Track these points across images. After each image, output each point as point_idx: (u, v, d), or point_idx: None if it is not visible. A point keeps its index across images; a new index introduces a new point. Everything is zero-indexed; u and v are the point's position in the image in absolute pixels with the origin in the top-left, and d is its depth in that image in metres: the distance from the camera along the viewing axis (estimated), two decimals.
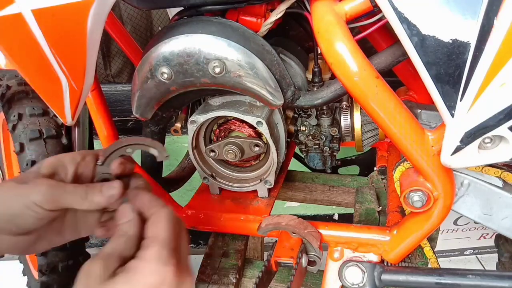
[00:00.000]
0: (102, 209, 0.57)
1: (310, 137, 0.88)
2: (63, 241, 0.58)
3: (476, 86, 0.48)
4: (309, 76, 0.79)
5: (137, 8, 1.11)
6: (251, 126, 0.79)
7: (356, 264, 0.69)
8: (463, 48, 0.47)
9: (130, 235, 0.50)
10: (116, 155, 0.59)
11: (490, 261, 1.71)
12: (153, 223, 0.50)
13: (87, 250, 1.15)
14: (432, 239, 0.84)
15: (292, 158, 1.08)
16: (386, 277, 0.67)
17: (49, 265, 1.02)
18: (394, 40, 0.74)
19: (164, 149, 0.58)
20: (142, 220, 0.51)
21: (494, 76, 0.46)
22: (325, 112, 0.84)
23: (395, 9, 0.49)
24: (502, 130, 0.49)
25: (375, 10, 0.55)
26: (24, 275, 1.27)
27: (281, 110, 0.80)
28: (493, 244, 1.19)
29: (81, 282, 0.45)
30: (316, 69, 0.76)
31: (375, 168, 1.02)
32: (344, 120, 0.86)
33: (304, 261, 0.70)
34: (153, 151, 0.59)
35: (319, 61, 0.76)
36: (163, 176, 0.98)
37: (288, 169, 1.02)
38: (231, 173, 0.88)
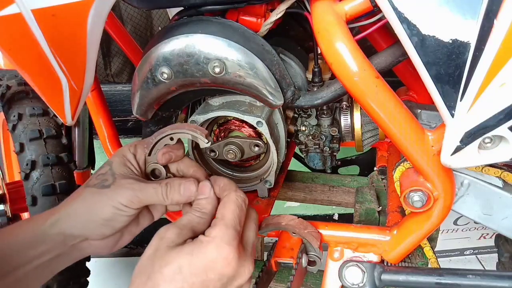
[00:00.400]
0: None
1: (310, 137, 0.88)
2: (140, 229, 0.63)
3: (476, 86, 0.48)
4: (309, 76, 0.79)
5: (137, 8, 1.11)
6: (251, 126, 0.80)
7: (356, 264, 0.69)
8: (463, 48, 0.47)
9: (204, 212, 0.55)
10: (160, 145, 0.61)
11: (490, 261, 1.72)
12: (223, 204, 0.55)
13: None
14: (432, 239, 0.83)
15: (292, 158, 1.08)
16: (386, 277, 0.67)
17: None
18: (394, 40, 0.74)
19: (204, 134, 0.59)
20: (218, 201, 0.57)
21: (494, 76, 0.46)
22: (325, 112, 0.84)
23: (395, 9, 0.48)
24: (502, 130, 0.49)
25: (375, 10, 0.55)
26: None
27: (281, 110, 0.80)
28: (493, 244, 1.19)
29: (153, 243, 0.50)
30: (316, 69, 0.76)
31: (375, 168, 1.02)
32: (344, 120, 0.86)
33: (304, 261, 0.70)
34: (194, 137, 0.60)
35: (319, 61, 0.76)
36: None
37: (288, 169, 1.02)
38: (231, 173, 0.88)
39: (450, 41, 0.48)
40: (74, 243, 0.56)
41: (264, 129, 0.74)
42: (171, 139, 0.60)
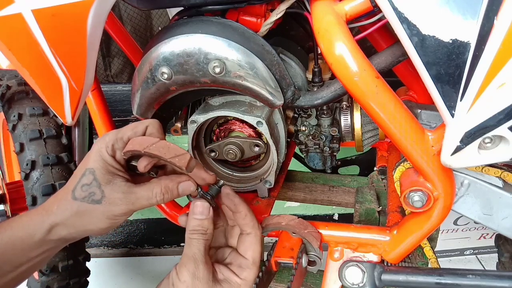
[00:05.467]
0: None
1: (310, 137, 0.88)
2: None
3: (476, 86, 0.48)
4: (309, 76, 0.79)
5: (137, 8, 1.11)
6: (251, 126, 0.80)
7: (356, 264, 0.69)
8: (463, 48, 0.47)
9: (209, 233, 0.60)
10: (138, 156, 0.59)
11: (490, 261, 1.72)
12: (251, 245, 0.62)
13: (87, 250, 1.15)
14: (432, 239, 0.83)
15: (292, 158, 1.08)
16: (386, 277, 0.67)
17: (49, 265, 1.02)
18: (394, 40, 0.74)
19: (185, 161, 0.55)
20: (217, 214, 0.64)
21: (494, 76, 0.46)
22: (325, 112, 0.84)
23: (395, 9, 0.49)
24: (502, 130, 0.49)
25: (375, 10, 0.55)
26: None
27: (281, 110, 0.80)
28: (493, 244, 1.19)
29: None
30: (316, 69, 0.76)
31: (375, 168, 1.02)
32: (344, 120, 0.86)
33: (304, 261, 0.70)
34: (174, 168, 0.61)
35: (319, 61, 0.76)
36: None
37: (288, 169, 1.02)
38: (231, 173, 0.88)
39: (450, 41, 0.48)
40: (74, 239, 0.60)
41: (264, 129, 0.74)
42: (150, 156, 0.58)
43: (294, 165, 1.09)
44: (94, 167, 0.56)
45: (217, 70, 0.65)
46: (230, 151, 0.79)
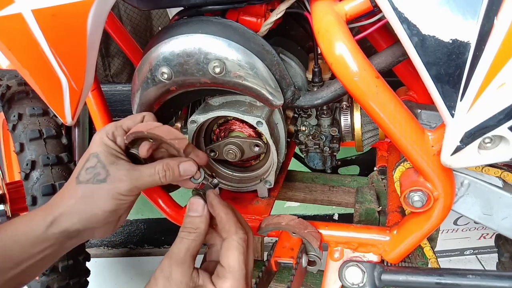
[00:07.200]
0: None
1: (310, 137, 0.88)
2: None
3: (476, 86, 0.48)
4: (309, 76, 0.79)
5: (137, 8, 1.11)
6: (251, 126, 0.79)
7: (356, 264, 0.69)
8: (463, 48, 0.47)
9: (199, 233, 0.56)
10: (141, 140, 0.61)
11: (490, 261, 1.72)
12: (227, 251, 0.55)
13: (87, 250, 1.15)
14: (432, 239, 0.84)
15: (292, 158, 1.08)
16: (386, 277, 0.67)
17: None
18: (394, 40, 0.74)
19: (183, 144, 0.59)
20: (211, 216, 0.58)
21: (494, 76, 0.46)
22: (325, 112, 0.84)
23: (395, 9, 0.49)
24: (502, 130, 0.49)
25: (375, 10, 0.55)
26: None
27: (281, 110, 0.80)
28: (493, 244, 1.19)
29: (160, 283, 0.52)
30: (316, 69, 0.76)
31: (375, 168, 1.02)
32: (344, 120, 0.86)
33: (304, 261, 0.70)
34: (172, 151, 0.61)
35: (319, 61, 0.76)
36: None
37: (288, 169, 1.02)
38: (231, 173, 0.88)
39: (450, 41, 0.48)
40: (78, 235, 0.58)
41: (264, 129, 0.74)
42: (151, 139, 0.60)
43: (294, 165, 1.09)
44: (98, 151, 0.58)
45: (217, 70, 0.65)
46: (230, 151, 0.79)
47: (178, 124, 0.87)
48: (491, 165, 0.65)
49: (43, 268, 0.58)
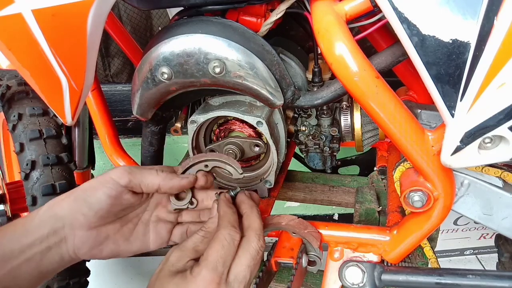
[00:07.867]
0: (175, 221, 0.66)
1: (310, 137, 0.88)
2: (130, 252, 0.63)
3: (476, 86, 0.48)
4: (309, 76, 0.79)
5: (137, 8, 1.11)
6: (251, 126, 0.80)
7: (356, 264, 0.69)
8: (463, 48, 0.47)
9: (208, 231, 0.58)
10: (194, 169, 0.65)
11: (490, 261, 1.72)
12: (212, 242, 0.56)
13: None
14: (432, 239, 0.83)
15: (292, 158, 1.08)
16: (386, 277, 0.67)
17: None
18: (394, 40, 0.74)
19: (238, 167, 0.65)
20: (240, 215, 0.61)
21: (494, 76, 0.46)
22: (325, 112, 0.84)
23: (395, 9, 0.48)
24: (502, 130, 0.49)
25: (375, 10, 0.55)
26: None
27: (281, 110, 0.80)
28: (493, 244, 1.19)
29: (160, 264, 0.55)
30: (316, 69, 0.76)
31: (375, 168, 1.02)
32: (344, 120, 0.86)
33: (304, 261, 0.70)
34: (229, 168, 0.66)
35: (319, 61, 0.76)
36: None
37: (288, 169, 1.02)
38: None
39: (450, 41, 0.48)
40: (63, 232, 0.57)
41: (264, 129, 0.74)
42: (206, 166, 0.65)
43: (294, 165, 1.09)
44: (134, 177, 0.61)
45: (217, 70, 0.65)
46: (230, 151, 0.79)
47: (178, 124, 0.87)
48: (491, 165, 0.65)
49: (30, 276, 0.55)
